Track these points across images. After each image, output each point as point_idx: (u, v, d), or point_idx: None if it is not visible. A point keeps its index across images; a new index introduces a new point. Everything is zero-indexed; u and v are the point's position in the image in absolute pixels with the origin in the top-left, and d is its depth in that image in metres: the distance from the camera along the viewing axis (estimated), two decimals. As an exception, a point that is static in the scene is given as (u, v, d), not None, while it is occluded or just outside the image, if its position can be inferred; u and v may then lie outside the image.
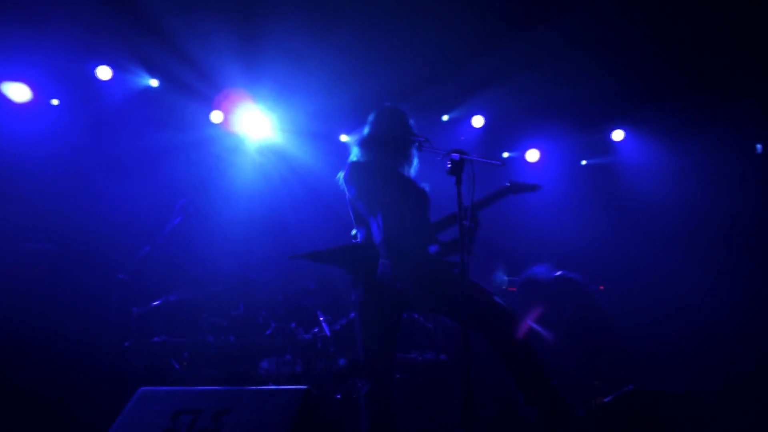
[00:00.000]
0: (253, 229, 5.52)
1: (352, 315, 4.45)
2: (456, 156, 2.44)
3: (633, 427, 1.98)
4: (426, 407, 4.33)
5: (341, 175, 2.96)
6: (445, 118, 6.19)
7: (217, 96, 5.46)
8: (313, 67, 5.09)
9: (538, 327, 2.64)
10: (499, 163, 2.45)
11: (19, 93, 5.09)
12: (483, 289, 2.75)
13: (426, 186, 3.08)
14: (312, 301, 4.63)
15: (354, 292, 2.84)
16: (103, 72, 5.23)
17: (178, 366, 4.27)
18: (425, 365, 4.57)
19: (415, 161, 3.06)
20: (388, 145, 2.97)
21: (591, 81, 5.46)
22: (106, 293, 4.41)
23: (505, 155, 6.57)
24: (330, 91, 5.35)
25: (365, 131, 3.08)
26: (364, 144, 3.05)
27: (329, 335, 4.37)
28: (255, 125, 5.76)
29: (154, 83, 5.46)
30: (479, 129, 6.24)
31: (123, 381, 4.11)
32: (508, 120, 6.26)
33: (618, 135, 6.35)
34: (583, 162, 6.72)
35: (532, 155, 6.46)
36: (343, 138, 6.18)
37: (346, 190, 2.94)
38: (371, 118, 3.09)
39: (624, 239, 5.93)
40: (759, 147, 5.84)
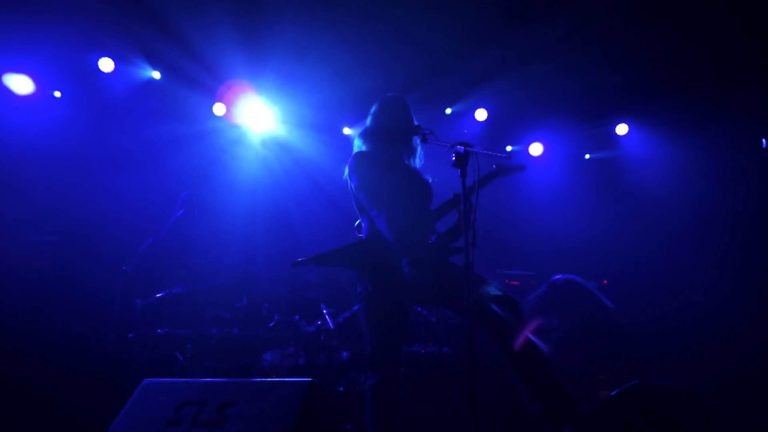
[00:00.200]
0: (256, 222, 5.52)
1: (355, 308, 4.45)
2: (461, 148, 2.43)
3: (638, 422, 1.97)
4: (429, 400, 4.34)
5: (347, 168, 2.96)
6: (449, 111, 6.17)
7: (220, 88, 5.45)
8: (317, 59, 5.07)
9: (535, 339, 2.63)
10: (505, 156, 2.43)
11: (22, 85, 5.08)
12: (488, 282, 2.75)
13: (429, 178, 3.07)
14: (315, 294, 4.63)
15: (359, 285, 2.84)
16: (106, 64, 5.22)
17: (181, 358, 4.28)
18: (428, 358, 4.57)
19: (419, 151, 3.05)
20: (390, 136, 2.96)
21: (595, 74, 5.43)
22: (109, 285, 4.42)
23: (509, 149, 6.55)
24: (333, 83, 5.34)
25: (368, 122, 3.08)
26: (366, 136, 3.04)
27: (332, 328, 4.38)
28: (258, 117, 5.75)
29: (156, 75, 5.45)
30: (483, 122, 6.22)
31: (127, 373, 4.12)
32: (511, 113, 6.23)
33: (622, 129, 6.33)
34: (587, 156, 6.70)
35: (535, 149, 6.44)
36: (347, 131, 6.18)
37: (349, 181, 2.94)
38: (374, 109, 3.08)
39: (628, 234, 5.92)
40: (764, 141, 5.81)
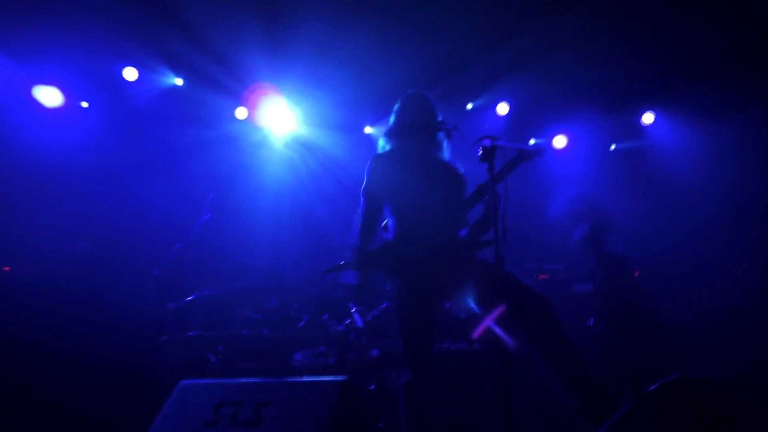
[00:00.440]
0: (283, 223, 5.56)
1: (383, 305, 4.44)
2: (488, 142, 2.41)
3: (680, 417, 1.91)
4: (460, 397, 4.31)
5: None
6: (470, 106, 6.12)
7: (244, 91, 5.50)
8: (339, 59, 5.08)
9: (498, 329, 2.59)
10: (533, 149, 2.41)
11: (51, 97, 5.20)
12: (516, 278, 2.72)
13: (461, 168, 3.04)
14: (343, 293, 4.63)
15: (389, 283, 2.83)
16: (130, 73, 5.32)
17: (214, 359, 4.33)
18: (459, 355, 4.54)
19: (445, 146, 3.02)
20: (414, 132, 2.94)
21: (619, 63, 5.33)
22: (141, 290, 4.50)
23: (532, 142, 6.47)
24: (355, 83, 5.34)
25: (391, 120, 3.07)
26: (390, 134, 3.03)
27: (361, 326, 4.38)
28: (282, 119, 5.79)
29: (179, 82, 5.53)
30: (504, 116, 6.16)
31: (162, 375, 4.19)
32: (533, 106, 6.15)
33: (648, 118, 6.20)
34: (612, 147, 6.58)
35: (559, 141, 6.36)
36: (368, 130, 6.18)
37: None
38: (396, 106, 3.07)
39: (657, 225, 5.80)
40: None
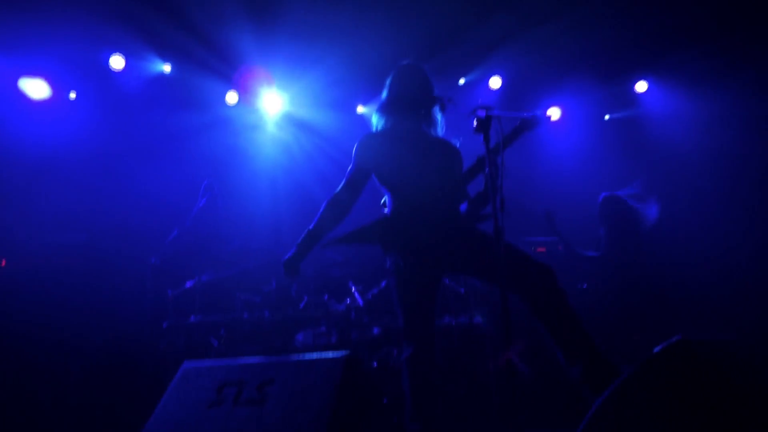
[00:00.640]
0: (279, 205, 5.55)
1: (383, 284, 4.45)
2: (482, 113, 2.38)
3: (683, 380, 1.91)
4: (462, 371, 4.35)
5: None
6: (462, 81, 6.07)
7: (234, 74, 5.44)
8: (328, 37, 5.03)
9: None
10: (534, 117, 2.38)
11: (38, 89, 5.13)
12: (517, 248, 2.71)
13: (457, 142, 3.01)
14: (342, 272, 4.64)
15: (388, 259, 2.83)
16: (117, 61, 5.24)
17: (216, 344, 4.34)
18: (459, 329, 4.56)
19: (440, 120, 2.99)
20: (407, 107, 2.91)
21: (610, 30, 5.27)
22: (140, 278, 4.49)
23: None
24: (346, 61, 5.28)
25: (383, 94, 3.03)
26: (383, 109, 3.00)
27: (362, 305, 4.39)
28: (273, 100, 5.74)
29: (167, 69, 5.46)
30: (497, 90, 6.12)
31: (165, 360, 4.21)
32: (526, 79, 6.10)
33: (641, 86, 6.16)
34: (606, 117, 6.55)
35: (553, 113, 6.32)
36: (360, 109, 6.13)
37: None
38: (389, 79, 3.03)
39: (653, 193, 5.79)
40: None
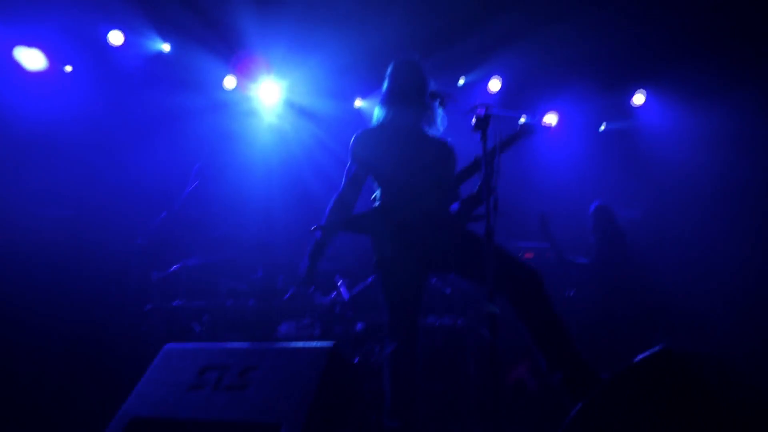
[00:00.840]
0: (272, 192, 5.52)
1: (369, 279, 4.44)
2: (481, 111, 2.37)
3: (663, 390, 1.92)
4: (444, 372, 4.35)
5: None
6: (462, 81, 6.07)
7: (232, 58, 5.40)
8: (329, 27, 5.00)
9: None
10: (534, 125, 2.38)
11: (34, 60, 5.05)
12: (506, 251, 2.72)
13: (450, 140, 3.02)
14: (330, 266, 4.63)
15: (375, 253, 2.82)
16: (115, 37, 5.17)
17: (198, 329, 4.31)
18: (443, 330, 4.57)
19: (439, 116, 2.99)
20: (406, 100, 2.91)
21: (611, 39, 5.29)
22: (125, 259, 4.45)
23: (522, 120, 6.43)
24: (346, 52, 5.25)
25: (384, 86, 3.02)
26: (384, 102, 2.99)
27: (347, 300, 4.38)
28: (271, 87, 5.71)
29: (166, 48, 5.39)
30: (496, 93, 6.13)
31: (145, 344, 4.16)
32: (525, 83, 6.13)
33: (639, 99, 6.21)
34: (602, 127, 6.59)
35: (550, 118, 6.34)
36: (358, 103, 6.11)
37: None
38: (389, 70, 3.03)
39: (646, 206, 5.84)
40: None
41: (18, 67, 5.02)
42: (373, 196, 3.00)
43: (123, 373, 3.97)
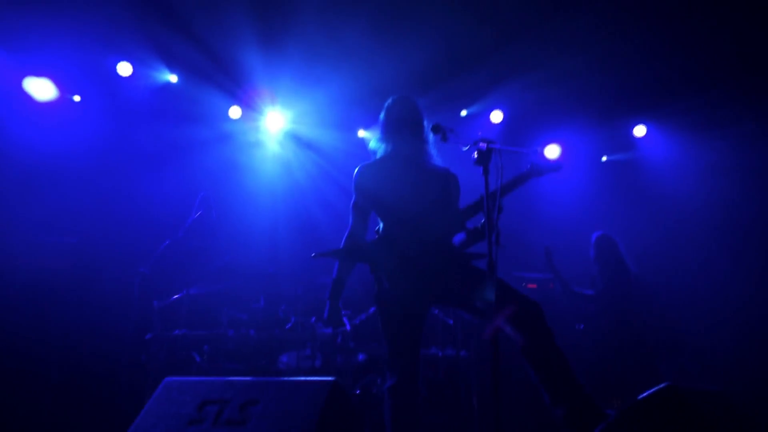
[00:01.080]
0: (277, 223, 5.55)
1: (371, 310, 4.42)
2: (483, 146, 2.40)
3: (667, 427, 1.89)
4: (446, 403, 4.30)
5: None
6: (464, 113, 6.14)
7: (238, 90, 5.48)
8: (333, 60, 5.09)
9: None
10: (530, 152, 2.41)
11: (43, 90, 5.12)
12: (507, 284, 2.71)
13: (448, 173, 3.03)
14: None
15: (376, 285, 2.82)
16: (124, 68, 5.27)
17: (199, 359, 4.28)
18: (445, 361, 4.53)
19: (433, 148, 3.01)
20: (406, 134, 2.95)
21: (613, 74, 5.37)
22: (127, 286, 4.44)
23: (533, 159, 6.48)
24: (350, 84, 5.33)
25: (381, 117, 3.05)
26: (382, 134, 3.03)
27: (349, 330, 4.35)
28: (276, 119, 5.78)
29: (173, 79, 5.48)
30: (498, 125, 6.18)
31: (145, 373, 4.13)
32: (527, 115, 6.18)
33: (640, 131, 6.26)
34: (604, 158, 6.63)
35: (552, 151, 6.38)
36: (361, 133, 6.18)
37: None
38: (387, 103, 3.07)
39: (648, 237, 5.83)
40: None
41: (27, 97, 5.10)
42: (377, 228, 3.01)
43: (122, 404, 3.94)
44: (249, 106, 5.68)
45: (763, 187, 5.54)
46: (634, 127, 6.25)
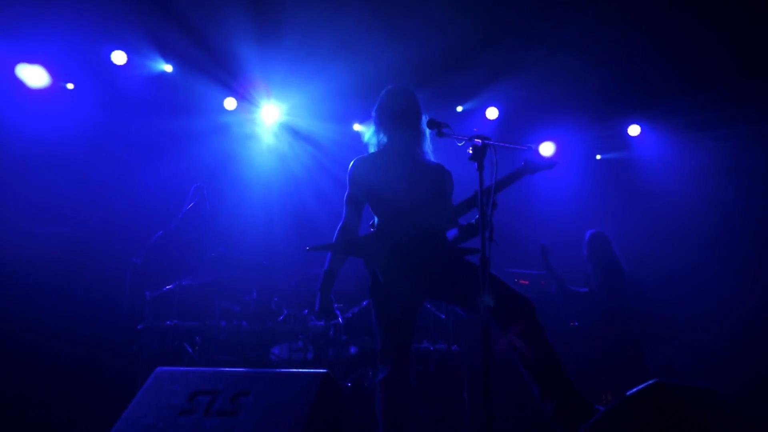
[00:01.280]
0: (271, 214, 5.54)
1: (364, 303, 4.43)
2: (478, 142, 2.40)
3: (656, 423, 1.91)
4: (437, 398, 4.32)
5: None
6: (460, 109, 6.14)
7: (233, 81, 5.45)
8: (328, 52, 5.08)
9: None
10: (525, 148, 2.41)
11: (36, 77, 5.08)
12: (500, 280, 2.72)
13: (442, 169, 3.04)
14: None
15: (370, 278, 2.82)
16: (119, 57, 5.22)
17: (190, 350, 4.28)
18: (436, 355, 4.55)
19: (429, 143, 3.01)
20: (400, 123, 2.94)
21: (609, 74, 5.39)
22: (119, 277, 4.42)
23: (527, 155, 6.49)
24: (346, 76, 5.32)
25: (375, 109, 3.03)
26: (377, 126, 3.02)
27: (341, 323, 4.36)
28: (271, 111, 5.76)
29: (168, 68, 5.45)
30: (494, 121, 6.19)
31: (136, 364, 4.12)
32: (523, 112, 6.20)
33: (634, 130, 6.29)
34: (598, 156, 6.66)
35: (546, 148, 6.40)
36: (357, 127, 6.17)
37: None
38: (381, 94, 3.05)
39: (640, 235, 5.87)
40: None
41: (20, 84, 5.05)
42: (371, 222, 3.02)
43: (113, 394, 3.94)
44: (244, 97, 5.66)
45: (755, 188, 5.59)
46: (628, 127, 6.28)
